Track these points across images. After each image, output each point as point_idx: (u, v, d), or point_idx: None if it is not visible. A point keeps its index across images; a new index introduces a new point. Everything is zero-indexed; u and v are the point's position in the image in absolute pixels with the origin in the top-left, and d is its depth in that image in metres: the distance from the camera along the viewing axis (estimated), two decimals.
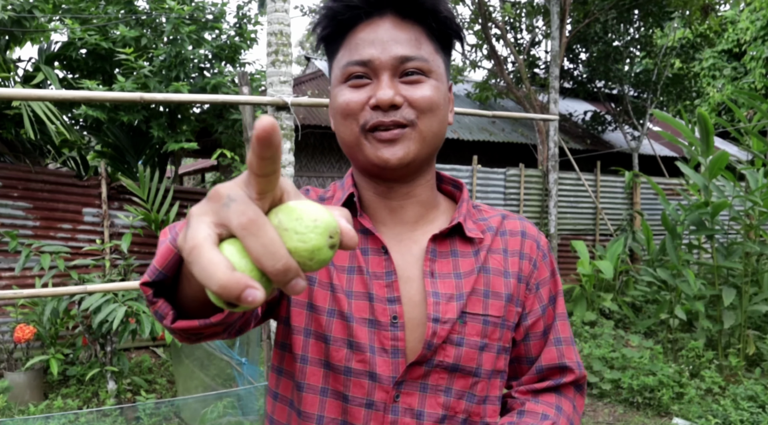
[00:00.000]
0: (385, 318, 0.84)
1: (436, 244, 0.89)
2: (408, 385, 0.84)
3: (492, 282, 0.90)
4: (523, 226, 0.97)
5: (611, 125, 11.88)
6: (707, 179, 5.25)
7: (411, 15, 0.85)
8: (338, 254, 0.89)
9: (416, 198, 0.91)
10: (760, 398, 4.30)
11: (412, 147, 0.84)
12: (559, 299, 0.98)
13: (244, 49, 6.54)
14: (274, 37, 3.14)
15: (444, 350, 0.84)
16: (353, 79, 0.84)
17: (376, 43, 0.83)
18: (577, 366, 0.97)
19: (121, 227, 5.75)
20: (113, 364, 4.46)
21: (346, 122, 0.85)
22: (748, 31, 14.91)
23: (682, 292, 5.57)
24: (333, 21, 0.86)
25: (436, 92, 0.85)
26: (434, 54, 0.86)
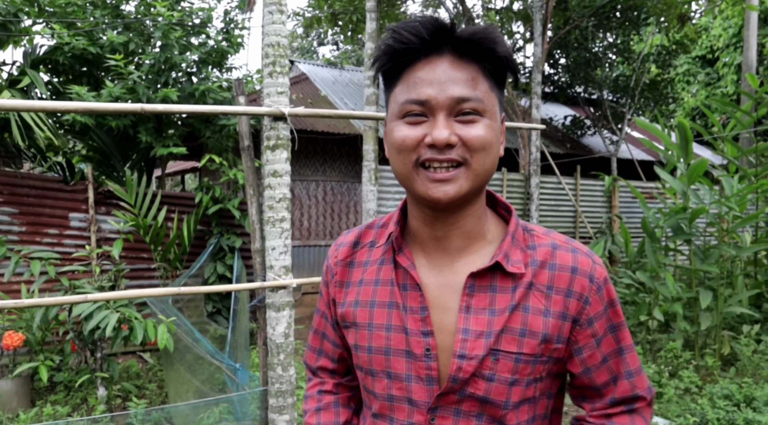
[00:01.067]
0: (419, 350, 0.93)
1: (476, 279, 0.93)
2: (443, 410, 0.93)
3: (530, 321, 0.92)
4: (575, 260, 0.95)
5: (590, 130, 12.13)
6: (686, 184, 5.43)
7: (468, 54, 0.88)
8: (380, 290, 0.99)
9: (461, 229, 0.95)
10: (735, 397, 4.48)
11: (464, 185, 0.88)
12: (622, 331, 0.98)
13: (231, 54, 6.57)
14: (272, 48, 3.19)
15: (476, 383, 0.91)
16: (410, 116, 0.89)
17: (434, 84, 0.87)
18: (648, 391, 1.01)
19: (109, 233, 5.73)
20: (103, 370, 4.46)
21: (401, 156, 0.90)
22: (721, 38, 15.34)
23: (660, 294, 5.75)
24: (393, 58, 0.90)
25: (489, 132, 0.88)
26: (489, 92, 0.90)
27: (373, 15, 7.53)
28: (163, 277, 5.71)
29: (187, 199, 6.28)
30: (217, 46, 6.32)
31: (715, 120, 6.54)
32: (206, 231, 6.21)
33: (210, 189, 5.84)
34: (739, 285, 5.99)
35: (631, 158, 11.74)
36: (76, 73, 5.92)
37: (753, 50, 12.16)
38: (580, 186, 9.43)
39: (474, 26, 0.89)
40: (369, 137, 7.55)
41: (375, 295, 0.99)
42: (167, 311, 4.42)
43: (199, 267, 5.62)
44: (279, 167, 3.18)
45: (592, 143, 12.79)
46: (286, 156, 3.20)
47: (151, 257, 5.89)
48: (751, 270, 6.59)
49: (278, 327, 3.18)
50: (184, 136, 6.69)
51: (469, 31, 0.87)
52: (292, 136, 3.25)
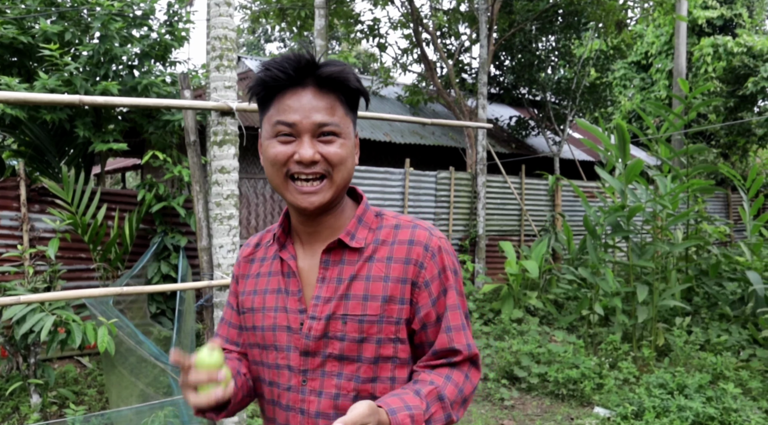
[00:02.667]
0: (296, 325, 1.14)
1: (330, 254, 1.15)
2: (312, 373, 1.12)
3: (371, 287, 1.11)
4: (412, 234, 1.15)
5: (534, 130, 12.47)
6: (624, 184, 5.66)
7: (327, 86, 1.08)
8: (271, 280, 1.21)
9: (325, 225, 1.17)
10: (669, 385, 4.71)
11: (327, 195, 1.10)
12: (450, 292, 1.16)
13: (175, 48, 6.37)
14: (219, 41, 3.12)
15: (332, 344, 1.11)
16: (281, 136, 1.08)
17: (299, 110, 1.07)
18: (467, 347, 1.16)
19: (43, 232, 5.45)
20: (37, 376, 4.23)
21: (274, 169, 1.10)
22: (654, 45, 16.08)
23: (601, 289, 5.98)
24: (265, 88, 1.10)
25: (345, 149, 1.10)
26: (345, 117, 1.11)
27: (322, 12, 7.48)
28: (103, 278, 5.48)
29: (129, 196, 6.05)
30: (160, 39, 6.11)
31: (650, 122, 6.85)
32: (149, 230, 6.00)
33: (153, 186, 5.64)
34: (672, 280, 6.30)
35: (573, 158, 12.15)
36: (6, 63, 5.59)
37: (683, 57, 12.82)
38: (525, 185, 9.68)
39: (331, 63, 1.08)
40: None
41: (268, 284, 1.20)
42: (108, 313, 4.24)
43: (141, 267, 5.42)
44: (227, 164, 3.11)
45: (536, 144, 13.16)
46: (234, 152, 3.13)
47: (89, 257, 5.64)
48: (683, 265, 6.95)
49: None
50: (125, 131, 6.44)
51: (328, 70, 1.07)
52: (240, 132, 3.19)
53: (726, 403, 4.28)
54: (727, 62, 12.77)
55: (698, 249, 7.35)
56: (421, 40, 10.31)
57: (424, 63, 10.67)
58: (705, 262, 7.03)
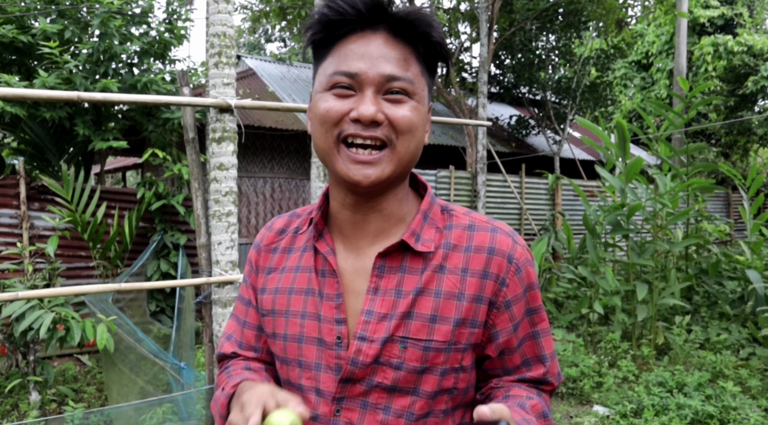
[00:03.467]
0: (331, 338, 0.90)
1: (386, 259, 0.90)
2: (349, 401, 0.89)
3: (441, 306, 0.88)
4: (492, 240, 0.92)
5: (534, 130, 12.47)
6: (623, 182, 5.66)
7: (403, 34, 0.87)
8: (299, 277, 0.96)
9: (381, 212, 0.93)
10: (668, 383, 4.71)
11: (387, 169, 0.86)
12: (540, 314, 0.97)
13: (174, 46, 6.37)
14: (217, 38, 3.12)
15: (383, 372, 0.88)
16: (338, 88, 0.86)
17: (365, 58, 0.85)
18: (557, 377, 1.00)
19: (42, 230, 5.45)
20: (36, 374, 4.24)
21: (323, 129, 0.87)
22: (655, 45, 16.08)
23: (601, 288, 5.98)
24: (326, 28, 0.87)
25: (416, 114, 0.87)
26: (420, 76, 0.89)
27: None
28: (102, 276, 5.49)
29: (129, 195, 6.05)
30: (159, 37, 6.12)
31: (650, 122, 6.85)
32: (149, 228, 6.01)
33: (153, 185, 5.65)
34: (672, 278, 6.29)
35: (573, 157, 12.15)
36: (6, 61, 5.59)
37: (683, 57, 12.81)
38: (525, 184, 9.68)
39: (411, 7, 0.87)
40: None
41: (294, 282, 0.96)
42: (107, 311, 4.25)
43: (141, 265, 5.43)
44: (225, 160, 3.11)
45: (536, 143, 13.16)
46: (232, 149, 3.13)
47: (89, 255, 5.64)
48: (683, 264, 6.94)
49: (224, 324, 3.11)
50: (124, 130, 6.45)
51: (406, 11, 0.86)
52: (238, 129, 3.19)
53: (725, 401, 4.28)
54: (727, 61, 12.78)
55: (698, 248, 7.34)
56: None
57: None
58: (705, 261, 7.02)
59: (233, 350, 1.06)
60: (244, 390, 0.87)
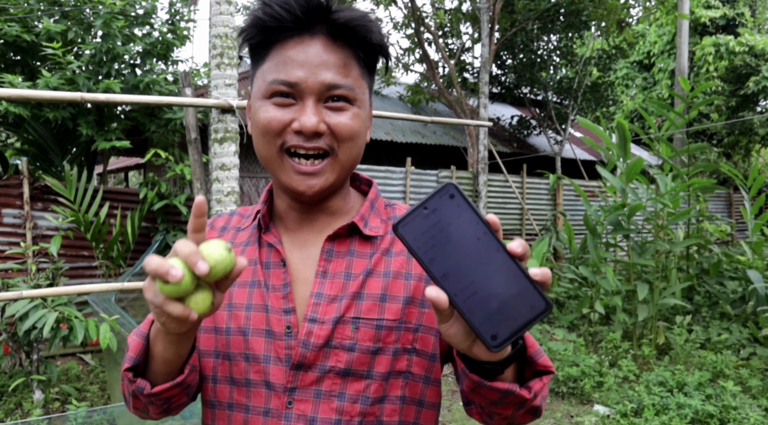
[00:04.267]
0: (280, 328, 0.87)
1: (334, 244, 0.90)
2: (301, 392, 0.85)
3: (390, 286, 0.88)
4: None
5: (536, 130, 12.48)
6: (624, 182, 5.67)
7: (342, 37, 0.85)
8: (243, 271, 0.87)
9: (326, 210, 0.93)
10: (669, 383, 4.72)
11: (330, 178, 0.86)
12: None
13: (177, 47, 6.40)
14: (219, 39, 3.14)
15: (336, 355, 0.85)
16: (277, 96, 0.84)
17: (305, 66, 0.83)
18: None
19: (46, 229, 5.48)
20: (40, 373, 4.26)
21: (265, 139, 0.86)
22: (656, 45, 16.08)
23: (601, 288, 5.99)
24: (262, 32, 0.85)
25: (357, 121, 0.86)
26: (360, 79, 0.87)
27: None
28: (105, 275, 5.51)
29: (131, 195, 6.08)
30: (162, 38, 6.14)
31: (652, 122, 6.87)
32: (151, 228, 6.03)
33: (155, 185, 5.67)
34: (672, 278, 6.30)
35: (574, 157, 12.15)
36: (9, 61, 5.63)
37: (685, 57, 12.81)
38: (526, 184, 9.69)
39: (350, 9, 0.85)
40: None
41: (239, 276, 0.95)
42: (110, 310, 4.27)
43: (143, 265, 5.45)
44: (227, 161, 3.13)
45: (538, 143, 13.17)
46: (234, 149, 3.15)
47: (92, 255, 5.67)
48: (684, 264, 6.95)
49: None
50: (127, 130, 6.48)
51: (346, 16, 0.84)
52: (240, 130, 3.21)
53: (725, 401, 4.29)
54: (729, 62, 12.78)
55: (699, 248, 7.35)
56: (422, 40, 10.33)
57: (425, 63, 10.69)
58: (706, 261, 7.03)
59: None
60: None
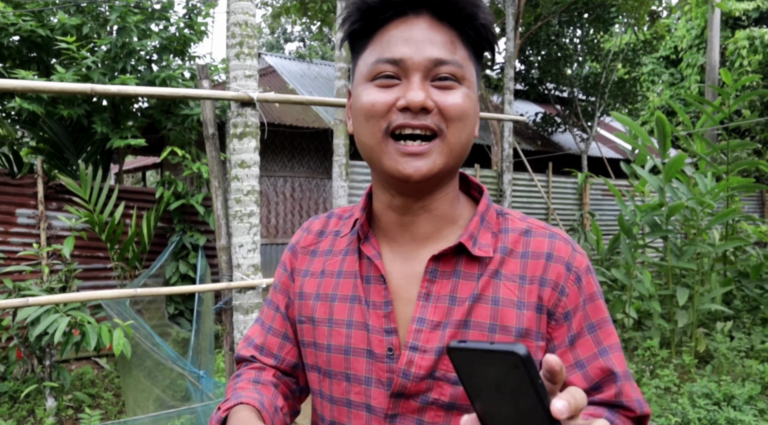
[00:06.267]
0: (381, 350, 0.82)
1: (439, 263, 0.83)
2: (402, 418, 0.81)
3: (501, 315, 0.80)
4: (550, 246, 0.84)
5: (560, 127, 12.14)
6: (663, 180, 5.37)
7: (447, 17, 0.80)
8: (343, 283, 0.88)
9: (431, 213, 0.85)
10: (714, 395, 4.41)
11: (438, 161, 0.79)
12: (604, 328, 0.84)
13: (194, 42, 6.23)
14: (239, 27, 2.92)
15: (440, 387, 0.80)
16: (381, 78, 0.79)
17: (410, 42, 0.78)
18: (638, 404, 0.84)
19: (60, 230, 5.33)
20: (53, 379, 4.10)
21: (369, 124, 0.80)
22: (684, 40, 15.61)
23: (634, 291, 5.68)
24: (365, 15, 0.81)
25: (467, 101, 0.80)
26: (468, 60, 0.82)
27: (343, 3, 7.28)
28: (120, 277, 5.35)
29: (147, 194, 5.91)
30: (179, 33, 5.97)
31: (685, 116, 6.52)
32: (167, 228, 5.87)
33: (172, 184, 5.50)
34: (712, 282, 5.98)
35: (600, 155, 11.80)
36: (24, 57, 5.49)
37: (716, 51, 12.37)
38: (552, 183, 9.38)
39: None
40: (340, 130, 7.29)
41: (337, 288, 0.88)
42: (124, 314, 4.09)
43: (159, 266, 5.28)
44: (247, 157, 2.92)
45: (562, 141, 12.82)
46: (254, 145, 2.94)
47: (107, 256, 5.51)
48: (720, 268, 6.61)
49: (246, 331, 2.92)
50: (143, 128, 6.32)
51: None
52: (261, 125, 3.00)
53: None
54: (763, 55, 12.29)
55: (735, 250, 6.99)
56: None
57: None
58: (744, 264, 6.68)
59: (252, 354, 0.98)
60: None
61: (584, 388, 0.82)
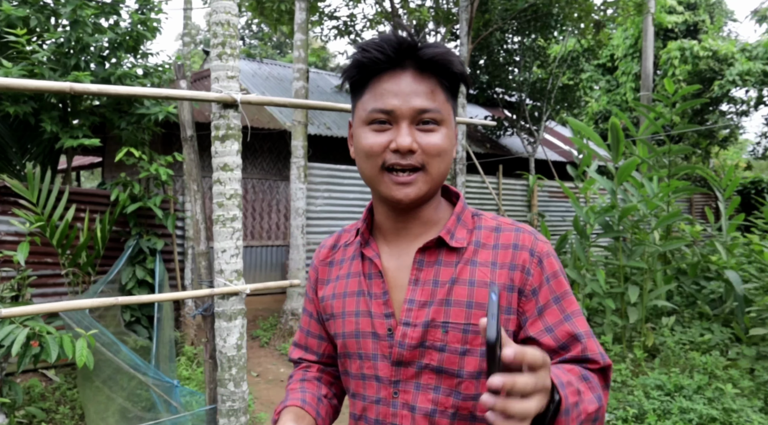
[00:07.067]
0: (383, 331, 1.04)
1: (425, 254, 1.04)
2: (404, 384, 1.02)
3: (476, 294, 1.00)
4: (516, 238, 1.04)
5: (508, 131, 12.47)
6: (615, 183, 5.63)
7: (427, 69, 0.99)
8: (351, 282, 1.11)
9: (419, 220, 1.07)
10: (666, 386, 4.67)
11: (423, 188, 1.00)
12: (566, 298, 1.02)
13: (147, 39, 6.00)
14: (221, 27, 2.85)
15: (430, 354, 1.00)
16: (376, 123, 1.00)
17: (399, 95, 0.98)
18: (601, 357, 1.00)
19: (5, 234, 5.01)
20: (3, 394, 3.85)
21: (369, 160, 1.01)
22: (620, 49, 16.38)
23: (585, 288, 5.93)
24: (361, 71, 1.01)
25: (445, 140, 1.01)
26: (445, 103, 1.01)
27: (302, 5, 7.20)
28: (72, 284, 5.08)
29: (100, 197, 5.65)
30: (132, 29, 5.73)
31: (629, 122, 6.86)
32: (122, 232, 5.62)
33: (128, 186, 5.27)
34: (659, 280, 6.32)
35: (546, 158, 12.21)
36: None
37: (650, 60, 13.07)
38: (502, 185, 9.63)
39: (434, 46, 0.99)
40: (298, 132, 7.22)
41: (347, 286, 1.11)
42: (83, 322, 3.90)
43: (116, 272, 5.05)
44: (230, 160, 2.85)
45: (509, 144, 13.18)
46: (237, 148, 2.87)
47: (56, 262, 5.22)
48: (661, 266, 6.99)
49: (229, 339, 2.85)
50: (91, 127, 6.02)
51: (431, 52, 0.98)
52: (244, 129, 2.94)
53: (725, 404, 4.26)
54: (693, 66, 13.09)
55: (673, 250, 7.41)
56: None
57: None
58: (683, 262, 7.09)
59: (299, 355, 1.26)
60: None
61: (554, 347, 1.00)
